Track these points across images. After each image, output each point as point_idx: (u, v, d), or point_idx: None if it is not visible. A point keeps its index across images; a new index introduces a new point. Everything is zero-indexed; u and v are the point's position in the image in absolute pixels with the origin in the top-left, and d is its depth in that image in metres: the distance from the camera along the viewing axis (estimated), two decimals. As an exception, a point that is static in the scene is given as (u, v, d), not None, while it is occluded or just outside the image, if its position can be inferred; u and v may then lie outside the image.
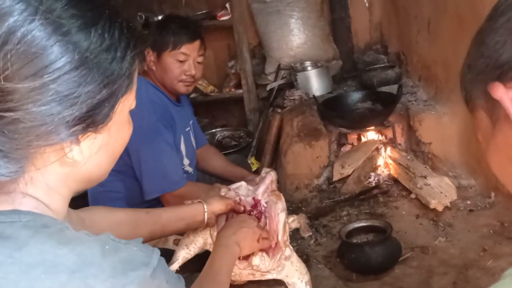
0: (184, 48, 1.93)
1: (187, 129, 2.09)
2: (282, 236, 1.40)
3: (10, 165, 0.62)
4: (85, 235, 0.65)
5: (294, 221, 1.55)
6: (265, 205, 1.45)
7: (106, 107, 0.66)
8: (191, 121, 2.17)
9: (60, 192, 0.70)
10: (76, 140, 0.66)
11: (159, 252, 0.70)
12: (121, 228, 1.15)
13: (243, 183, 1.52)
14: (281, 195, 1.49)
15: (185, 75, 1.95)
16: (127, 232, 1.14)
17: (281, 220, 1.40)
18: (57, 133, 0.63)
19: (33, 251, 0.60)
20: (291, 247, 1.47)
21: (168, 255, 1.29)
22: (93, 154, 0.69)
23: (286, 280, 1.45)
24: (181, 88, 1.98)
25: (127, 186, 1.92)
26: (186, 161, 2.05)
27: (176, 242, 1.61)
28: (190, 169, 2.08)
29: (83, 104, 0.63)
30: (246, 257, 1.31)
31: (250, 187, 1.50)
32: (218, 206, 1.35)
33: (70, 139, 0.65)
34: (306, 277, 1.47)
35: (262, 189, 1.47)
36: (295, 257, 1.46)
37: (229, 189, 1.46)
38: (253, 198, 1.45)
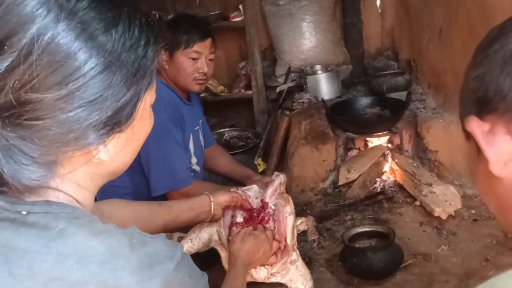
0: (197, 47, 1.96)
1: (196, 128, 2.11)
2: (291, 239, 1.41)
3: (40, 170, 0.63)
4: (113, 228, 0.67)
5: (302, 223, 1.56)
6: (273, 207, 1.46)
7: (129, 106, 0.66)
8: (201, 120, 2.19)
9: (88, 188, 0.71)
10: (103, 142, 0.66)
11: (183, 247, 0.72)
12: (138, 220, 1.18)
13: (255, 186, 1.54)
14: (289, 197, 1.50)
15: (198, 73, 1.98)
16: (144, 224, 1.18)
17: (289, 224, 1.41)
18: (84, 138, 0.64)
19: (67, 242, 0.63)
20: (298, 252, 1.47)
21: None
22: (118, 152, 0.70)
23: (289, 284, 1.45)
24: (194, 86, 2.01)
25: (134, 182, 1.95)
26: (194, 160, 2.07)
27: (180, 240, 1.63)
28: (197, 168, 2.10)
29: (108, 108, 0.63)
30: None
31: (262, 190, 1.52)
32: (223, 197, 1.40)
33: (98, 142, 0.65)
34: (310, 283, 1.47)
35: (271, 191, 1.48)
36: (300, 262, 1.46)
37: (238, 189, 1.48)
38: (261, 200, 1.47)
